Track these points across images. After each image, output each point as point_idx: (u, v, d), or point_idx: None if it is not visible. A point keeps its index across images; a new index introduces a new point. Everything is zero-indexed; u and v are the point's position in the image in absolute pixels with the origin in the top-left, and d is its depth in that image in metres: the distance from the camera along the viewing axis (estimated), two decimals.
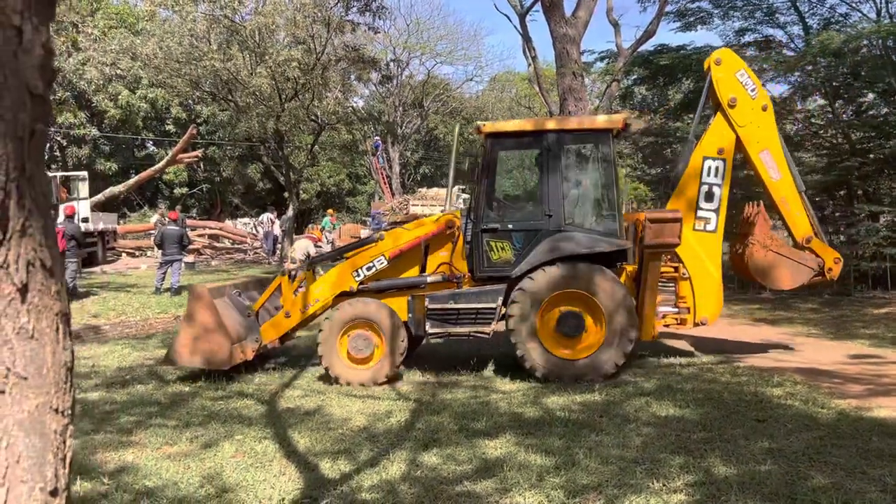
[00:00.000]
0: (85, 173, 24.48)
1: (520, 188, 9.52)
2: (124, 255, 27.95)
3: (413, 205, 26.24)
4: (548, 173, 8.04)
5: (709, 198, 8.51)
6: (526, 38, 18.05)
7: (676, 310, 8.54)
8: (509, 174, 9.39)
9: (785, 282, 8.77)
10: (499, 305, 7.96)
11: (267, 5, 21.32)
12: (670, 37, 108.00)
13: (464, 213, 8.51)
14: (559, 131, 8.17)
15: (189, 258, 21.62)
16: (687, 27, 20.19)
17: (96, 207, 24.86)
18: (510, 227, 8.15)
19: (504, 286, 8.00)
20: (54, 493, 1.31)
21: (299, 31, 20.86)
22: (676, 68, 18.51)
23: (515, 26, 17.92)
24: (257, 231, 31.65)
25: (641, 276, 8.09)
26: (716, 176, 8.52)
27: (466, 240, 8.29)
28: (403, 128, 44.21)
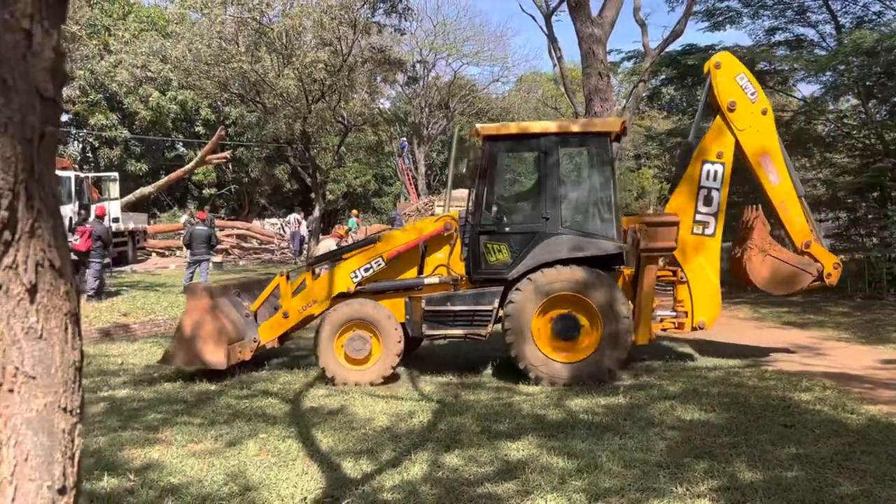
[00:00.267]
0: (116, 174, 24.89)
1: (518, 191, 9.52)
2: (154, 254, 28.36)
3: (438, 205, 26.26)
4: (545, 176, 8.06)
5: (707, 202, 8.48)
6: (551, 38, 17.99)
7: (674, 313, 8.49)
8: (507, 176, 9.39)
9: (783, 287, 8.70)
10: (495, 307, 7.98)
11: (294, 7, 21.49)
12: (698, 36, 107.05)
13: (462, 216, 8.51)
14: (557, 134, 8.16)
15: (217, 258, 21.89)
16: (715, 27, 19.95)
17: (127, 208, 25.27)
18: (507, 229, 8.18)
19: (501, 288, 8.02)
20: (62, 492, 1.33)
21: (326, 32, 21.00)
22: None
23: (541, 27, 17.85)
24: (284, 231, 31.90)
25: (638, 280, 8.05)
26: (714, 180, 8.48)
27: (465, 242, 8.30)
28: (429, 129, 44.28)
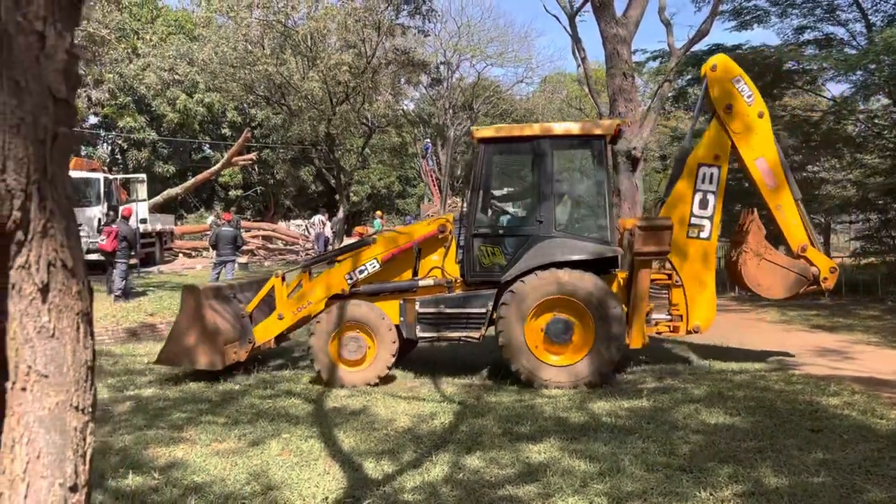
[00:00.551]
0: (144, 175, 25.22)
1: (512, 193, 9.53)
2: (181, 255, 28.69)
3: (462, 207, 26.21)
4: (540, 179, 8.04)
5: (703, 205, 8.42)
6: (575, 38, 17.90)
7: (669, 317, 8.44)
8: (502, 179, 9.40)
9: (778, 291, 8.62)
10: (489, 310, 7.96)
11: (319, 10, 21.64)
12: (725, 36, 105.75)
13: (456, 218, 8.50)
14: (552, 137, 8.13)
15: (243, 259, 22.09)
16: (743, 26, 19.73)
17: (154, 209, 25.59)
18: (501, 232, 8.19)
19: (495, 291, 8.00)
20: (74, 489, 1.34)
21: (350, 35, 21.13)
22: None
23: (565, 27, 17.77)
24: (309, 232, 32.10)
25: (632, 283, 8.01)
26: (710, 183, 8.43)
27: (459, 244, 8.30)
28: (454, 130, 44.32)
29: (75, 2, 1.36)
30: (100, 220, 19.94)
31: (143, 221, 22.69)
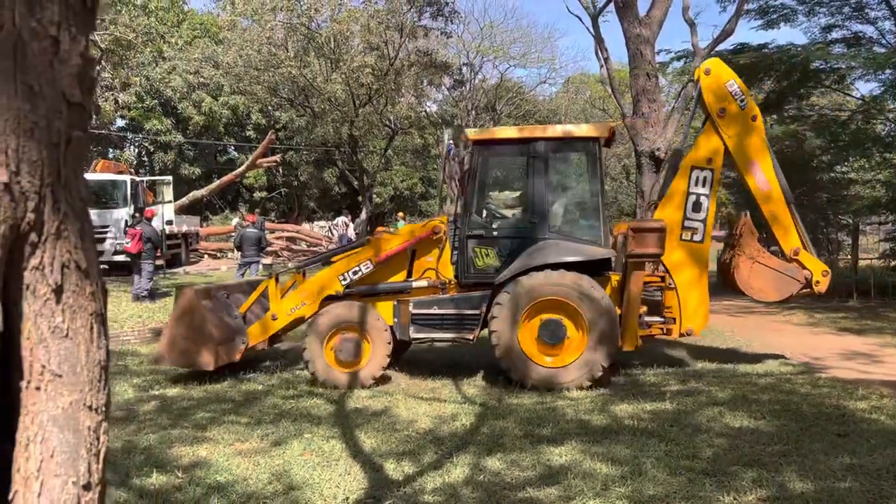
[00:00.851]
0: (170, 177, 25.53)
1: (506, 195, 9.56)
2: (206, 256, 28.98)
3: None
4: (534, 181, 8.04)
5: (696, 208, 8.45)
6: (598, 39, 17.80)
7: (662, 319, 8.42)
8: (496, 181, 9.43)
9: (771, 294, 8.67)
10: (483, 312, 7.95)
11: (342, 13, 21.76)
12: (751, 35, 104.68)
13: (451, 220, 8.49)
14: (546, 139, 8.15)
15: (267, 260, 22.25)
16: (769, 25, 19.48)
17: (180, 210, 25.89)
18: (495, 233, 8.18)
19: (489, 292, 7.99)
20: (87, 488, 1.36)
21: (373, 37, 21.23)
22: (757, 68, 17.89)
23: (587, 28, 17.69)
24: (332, 234, 32.27)
25: (625, 286, 7.99)
26: (704, 186, 8.46)
27: (454, 246, 8.30)
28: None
29: (90, 7, 1.38)
30: (126, 221, 20.22)
31: (169, 223, 22.98)
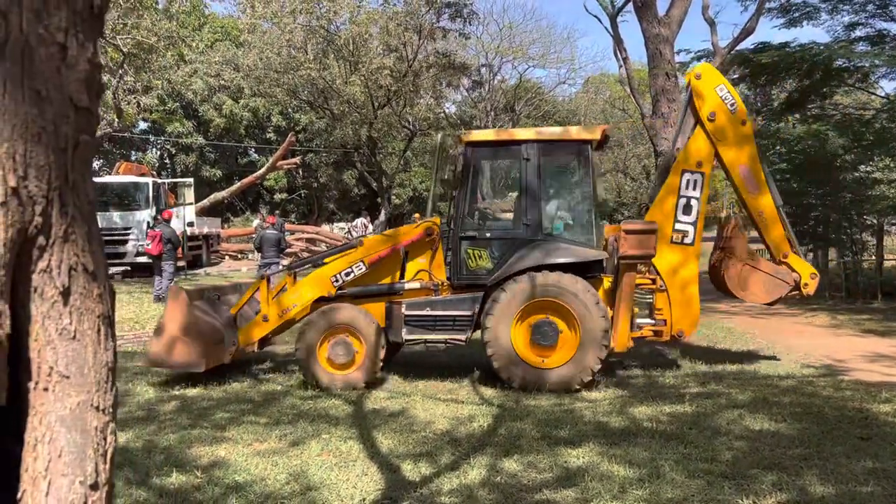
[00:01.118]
0: (191, 180, 25.75)
1: (499, 197, 9.57)
2: (227, 257, 29.20)
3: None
4: (526, 183, 8.06)
5: (686, 210, 8.53)
6: (617, 39, 17.71)
7: (653, 321, 8.45)
8: (488, 183, 9.45)
9: (761, 296, 8.78)
10: (475, 313, 7.96)
11: (361, 15, 21.85)
12: (772, 34, 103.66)
13: (444, 221, 8.49)
14: (538, 142, 8.18)
15: (286, 261, 22.36)
16: (791, 23, 19.25)
17: (201, 212, 26.11)
18: (488, 235, 8.21)
19: (481, 294, 7.99)
20: (94, 487, 1.38)
21: (392, 38, 21.28)
22: (778, 67, 17.69)
23: (606, 28, 17.61)
24: (351, 235, 32.39)
25: (617, 287, 8.00)
26: (694, 189, 8.54)
27: (446, 247, 8.30)
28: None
29: (97, 13, 1.40)
30: (148, 223, 20.45)
31: (191, 225, 23.21)
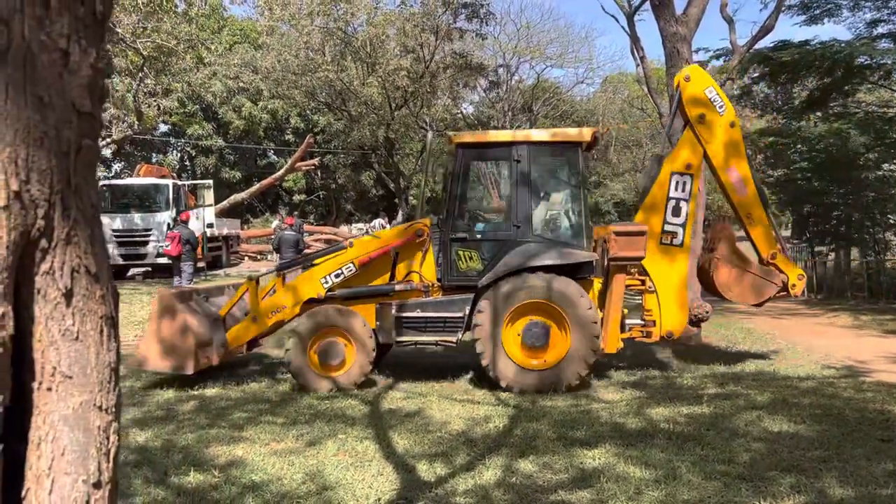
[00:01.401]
0: (211, 181, 25.94)
1: (489, 198, 9.55)
2: (246, 258, 29.40)
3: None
4: (517, 184, 8.07)
5: (676, 212, 8.55)
6: (633, 38, 17.58)
7: (643, 322, 8.45)
8: (479, 184, 9.44)
9: (749, 297, 8.85)
10: (466, 314, 7.95)
11: (378, 16, 21.92)
12: (793, 31, 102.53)
13: (434, 222, 8.48)
14: (528, 143, 8.21)
15: None
16: (812, 20, 19.06)
17: (221, 213, 26.30)
18: (478, 236, 8.24)
19: (472, 295, 7.99)
20: (97, 486, 1.40)
21: (409, 40, 21.33)
22: (799, 65, 17.50)
23: (623, 27, 17.49)
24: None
25: (607, 289, 7.99)
26: (683, 191, 8.57)
27: (437, 248, 8.30)
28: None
29: (100, 20, 1.42)
30: (168, 224, 20.65)
31: (210, 226, 23.39)
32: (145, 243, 21.15)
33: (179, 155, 42.32)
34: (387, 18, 21.40)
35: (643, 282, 8.42)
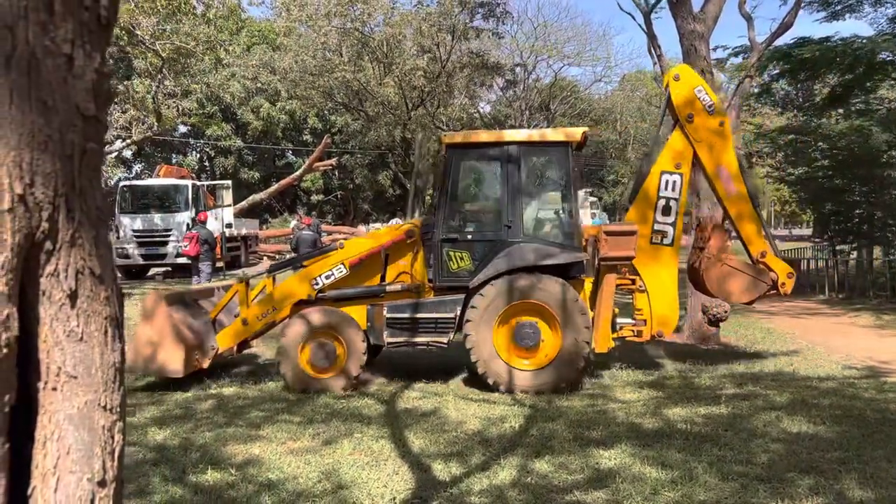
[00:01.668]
0: (229, 182, 26.16)
1: (480, 199, 9.50)
2: (265, 258, 29.59)
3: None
4: (507, 185, 8.04)
5: (666, 211, 8.53)
6: (651, 36, 17.44)
7: (633, 321, 8.42)
8: (469, 185, 9.40)
9: (739, 296, 8.78)
10: (457, 315, 7.91)
11: (395, 16, 21.97)
12: (813, 28, 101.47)
13: (425, 223, 8.45)
14: (519, 144, 8.18)
15: None
16: (833, 16, 18.84)
17: (240, 213, 26.49)
18: (469, 237, 8.22)
19: (463, 296, 7.94)
20: (102, 484, 1.42)
21: (425, 39, 21.36)
22: (819, 62, 17.30)
23: (640, 25, 17.37)
24: None
25: (598, 289, 7.95)
26: (673, 190, 8.55)
27: (428, 249, 8.27)
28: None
29: (104, 24, 1.44)
30: (188, 224, 20.85)
31: (229, 226, 23.59)
32: (165, 243, 21.38)
33: (199, 155, 42.69)
34: (403, 18, 21.44)
35: (634, 281, 8.41)
